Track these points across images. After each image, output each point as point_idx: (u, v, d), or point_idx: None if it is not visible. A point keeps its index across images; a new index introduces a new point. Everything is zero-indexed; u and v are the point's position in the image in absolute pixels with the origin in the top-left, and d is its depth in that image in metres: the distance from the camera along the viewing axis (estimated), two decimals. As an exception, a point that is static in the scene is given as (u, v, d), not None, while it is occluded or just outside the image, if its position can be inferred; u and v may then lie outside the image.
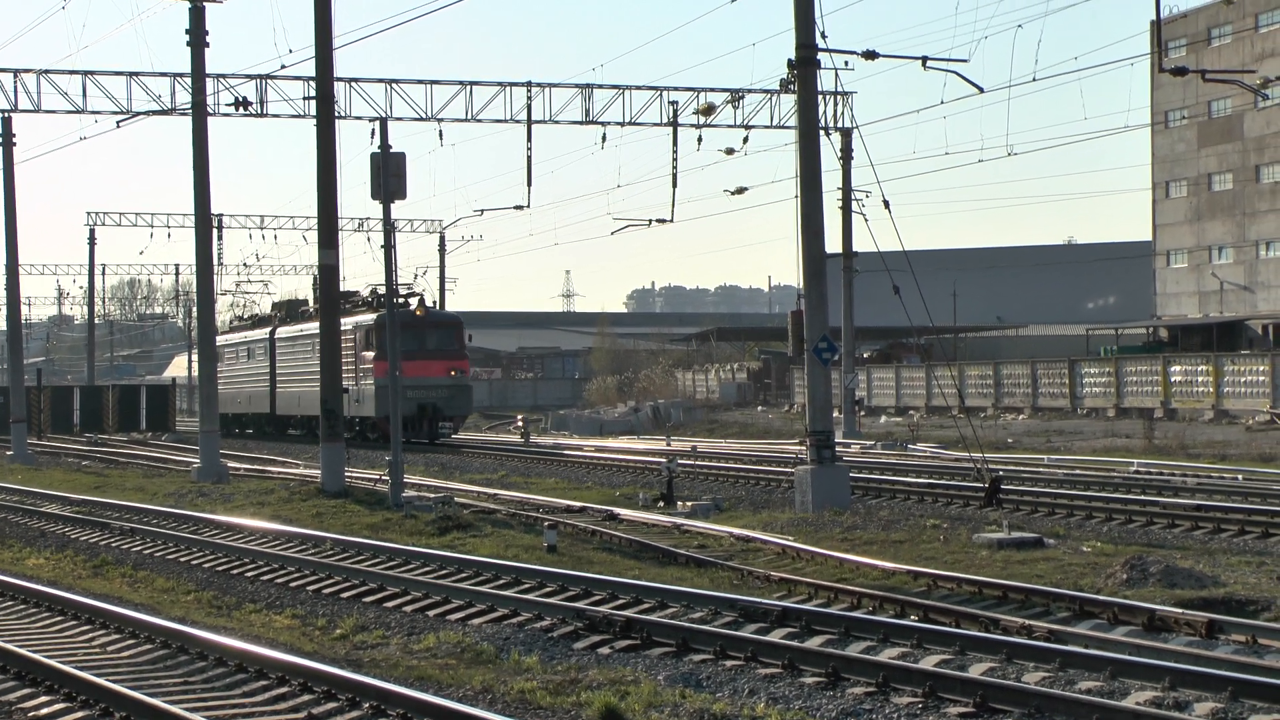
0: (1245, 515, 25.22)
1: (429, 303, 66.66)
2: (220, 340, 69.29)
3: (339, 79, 42.70)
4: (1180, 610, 15.82)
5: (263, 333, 69.42)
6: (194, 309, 64.16)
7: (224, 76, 49.11)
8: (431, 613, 17.85)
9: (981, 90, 34.15)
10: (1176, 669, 12.82)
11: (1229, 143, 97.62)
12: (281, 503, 32.00)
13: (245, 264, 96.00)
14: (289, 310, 69.19)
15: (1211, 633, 15.13)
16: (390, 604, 18.55)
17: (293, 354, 64.34)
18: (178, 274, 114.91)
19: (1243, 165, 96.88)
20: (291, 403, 64.52)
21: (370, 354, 55.71)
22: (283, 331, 66.72)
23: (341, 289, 57.29)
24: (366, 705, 12.59)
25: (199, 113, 40.72)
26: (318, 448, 36.98)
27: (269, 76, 48.93)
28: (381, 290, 50.01)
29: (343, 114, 47.72)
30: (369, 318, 56.46)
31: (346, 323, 50.98)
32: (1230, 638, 15.00)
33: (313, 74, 35.64)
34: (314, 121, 34.91)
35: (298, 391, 62.91)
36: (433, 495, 31.61)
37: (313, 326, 56.10)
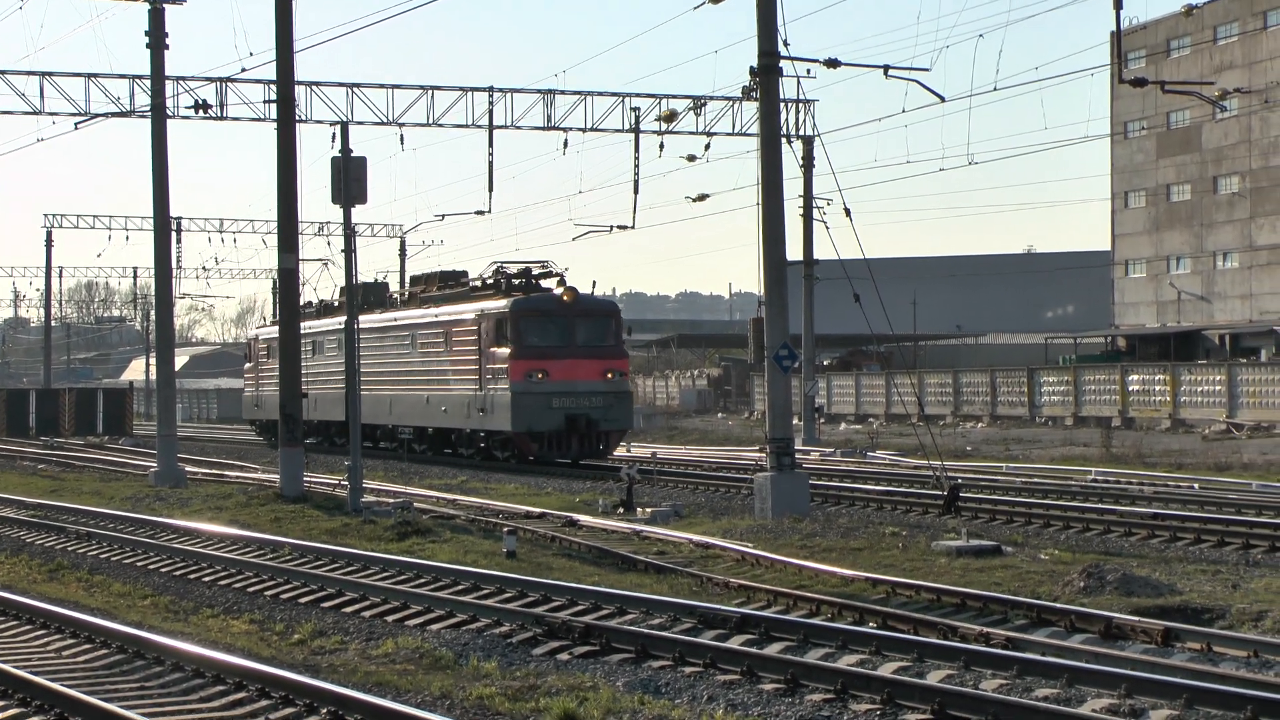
0: (1201, 524, 25.37)
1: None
2: (263, 334, 63.31)
3: (300, 82, 42.54)
4: (1137, 618, 15.91)
5: (333, 322, 57.07)
6: (152, 312, 63.55)
7: (184, 79, 48.96)
8: (390, 618, 17.80)
9: (943, 99, 34.29)
10: (1133, 676, 12.88)
11: (1187, 154, 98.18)
12: (239, 507, 31.88)
13: (204, 267, 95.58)
14: (366, 296, 56.70)
15: (1167, 640, 15.21)
16: (348, 609, 18.49)
17: (380, 348, 53.07)
18: (136, 277, 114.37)
19: (1201, 176, 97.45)
20: (377, 409, 52.77)
21: (504, 350, 44.17)
22: (365, 321, 53.21)
23: (443, 269, 51.91)
24: (324, 711, 12.55)
25: (158, 115, 40.56)
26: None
27: (229, 79, 48.78)
28: (510, 268, 46.13)
29: (303, 118, 47.63)
30: (499, 304, 44.99)
31: (466, 310, 46.15)
32: (1186, 645, 15.08)
33: (273, 77, 35.54)
34: (274, 125, 34.80)
35: (387, 395, 52.08)
36: (392, 500, 31.53)
37: (410, 315, 50.72)
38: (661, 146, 52.24)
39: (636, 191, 51.22)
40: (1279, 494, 31.76)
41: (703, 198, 52.24)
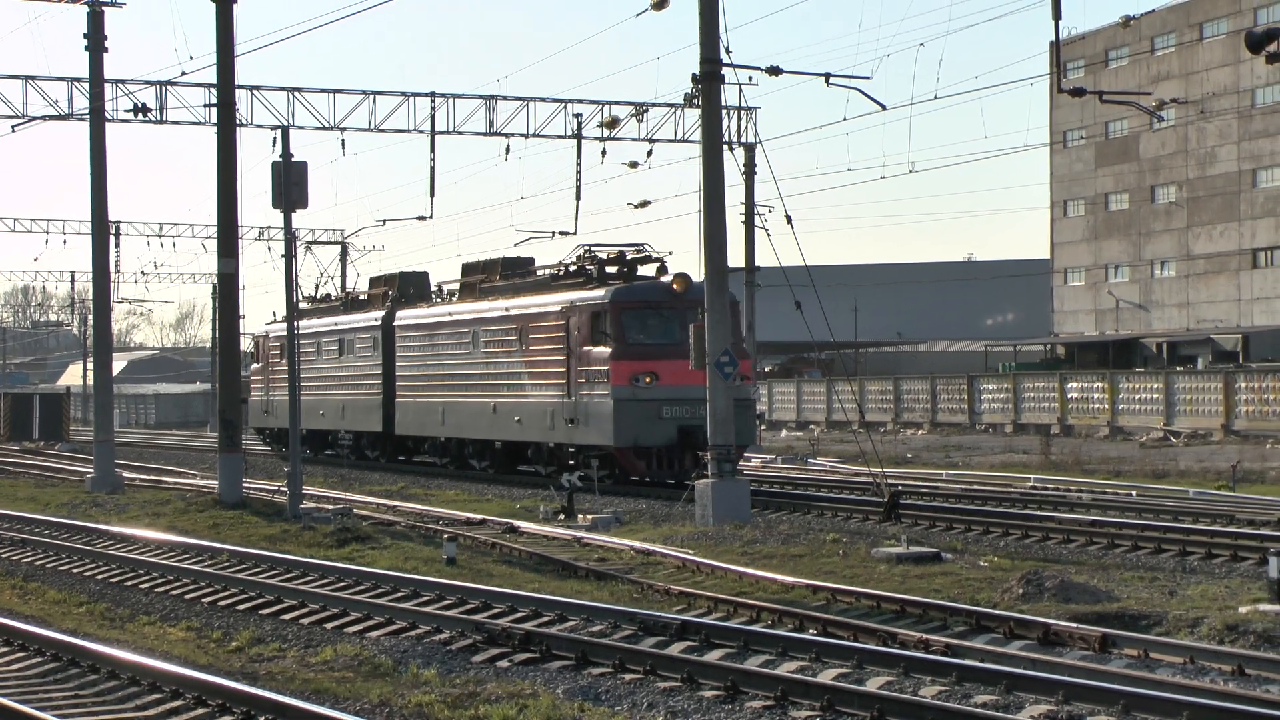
0: (1139, 531, 25.54)
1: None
2: (275, 330, 55.36)
3: (240, 86, 42.36)
4: (1075, 624, 15.99)
5: (367, 318, 49.48)
6: (90, 316, 62.65)
7: (123, 82, 48.56)
8: (329, 625, 17.72)
9: (884, 107, 34.38)
10: (1071, 683, 12.94)
11: (1125, 163, 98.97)
12: (178, 514, 31.66)
13: (143, 272, 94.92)
14: (403, 288, 49.58)
15: (1105, 647, 15.30)
16: (287, 616, 18.39)
17: (428, 348, 45.26)
18: (74, 281, 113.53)
19: (1139, 185, 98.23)
20: (424, 419, 45.34)
21: (602, 349, 36.62)
22: (407, 316, 47.07)
23: (505, 255, 43.68)
24: (262, 718, 12.48)
25: (97, 118, 40.28)
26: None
27: (169, 83, 48.46)
28: (604, 252, 39.16)
29: (244, 122, 47.31)
30: (595, 294, 37.35)
31: (547, 302, 38.95)
32: (1123, 652, 15.17)
33: (214, 81, 35.33)
34: (215, 129, 34.62)
35: (438, 403, 44.22)
36: (331, 507, 31.41)
37: (467, 309, 43.08)
38: (604, 153, 52.20)
39: (579, 197, 51.08)
40: (1215, 501, 32.01)
41: (645, 204, 52.21)
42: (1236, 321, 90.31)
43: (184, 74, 43.18)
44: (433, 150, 52.08)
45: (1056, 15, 29.88)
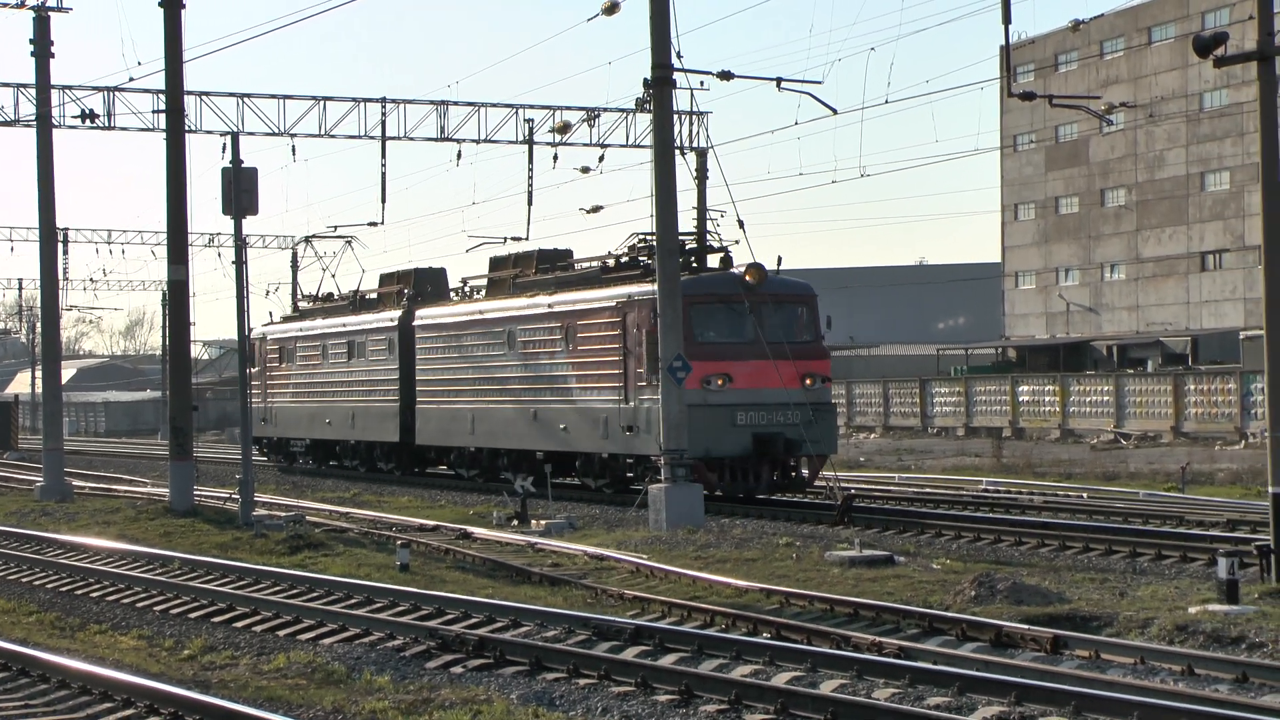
0: (1089, 533, 25.70)
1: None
2: (274, 332, 52.00)
3: (189, 92, 42.13)
4: (1026, 626, 16.08)
5: (381, 318, 45.53)
6: (38, 324, 62.07)
7: (70, 88, 48.27)
8: (282, 632, 17.67)
9: (835, 112, 34.51)
10: (1022, 684, 13.02)
11: (1075, 167, 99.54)
12: (128, 522, 31.50)
13: (92, 279, 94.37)
14: (419, 285, 45.52)
15: (1056, 648, 15.39)
16: (240, 624, 18.34)
17: (455, 349, 41.34)
18: (21, 288, 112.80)
19: (1088, 189, 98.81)
20: (452, 427, 41.24)
21: None
22: (428, 315, 43.06)
23: (541, 248, 40.45)
24: (215, 727, 12.44)
25: (44, 125, 40.06)
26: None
27: (117, 89, 48.21)
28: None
29: (193, 128, 47.06)
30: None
31: (598, 297, 35.00)
32: (1075, 653, 15.27)
33: (162, 87, 35.20)
34: (164, 135, 34.48)
35: (467, 409, 40.32)
36: (284, 514, 31.30)
37: (499, 307, 39.27)
38: (555, 158, 52.18)
39: (530, 203, 51.02)
40: (1165, 503, 32.23)
41: (597, 209, 52.12)
42: (1185, 324, 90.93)
43: (132, 80, 43.02)
44: (384, 156, 51.99)
45: (1006, 20, 30.03)
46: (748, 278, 32.97)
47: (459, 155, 52.41)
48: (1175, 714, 11.80)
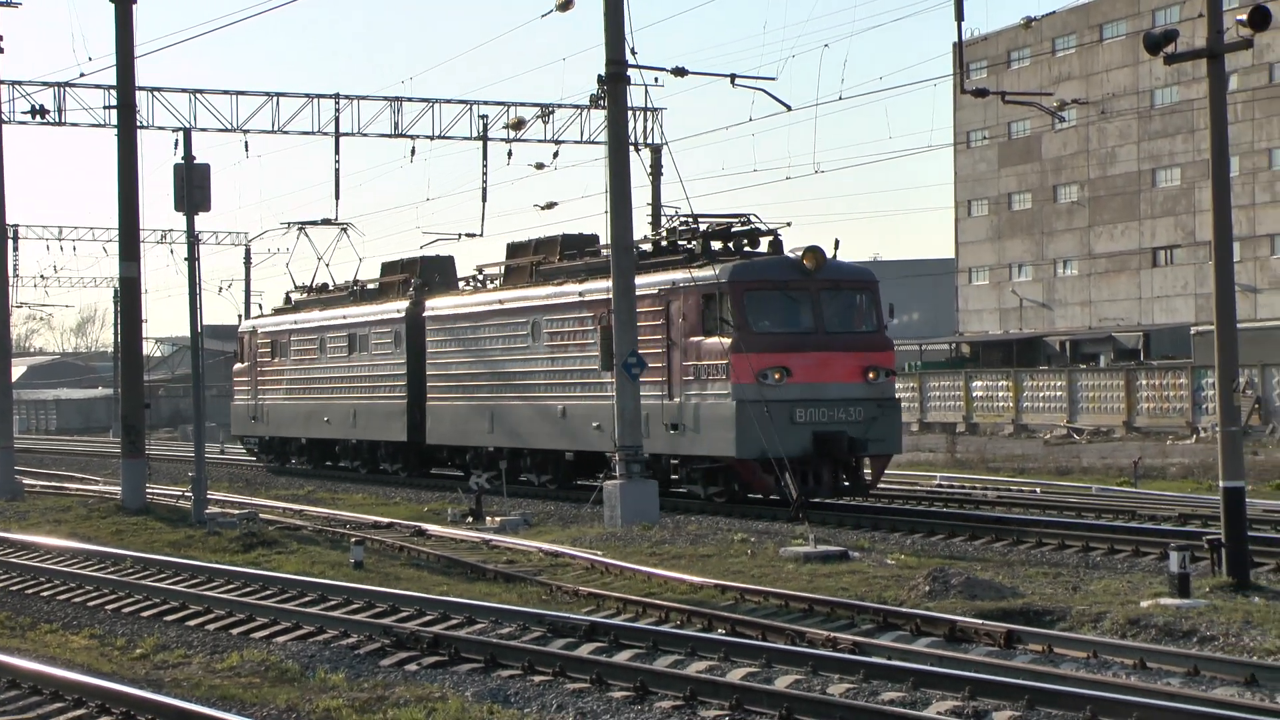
0: (1043, 527, 25.80)
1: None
2: (265, 325, 49.57)
3: (141, 88, 41.91)
4: (980, 621, 16.14)
5: (386, 309, 42.71)
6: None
7: (20, 83, 48.02)
8: (235, 631, 17.59)
9: (789, 108, 34.60)
10: (976, 679, 13.07)
11: (1028, 163, 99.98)
12: (80, 520, 31.31)
13: (42, 276, 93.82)
14: (426, 274, 42.87)
15: (1010, 643, 15.45)
16: (193, 622, 18.25)
17: (470, 341, 38.61)
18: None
19: (1041, 185, 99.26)
20: (469, 425, 38.43)
21: (718, 340, 30.51)
22: (440, 305, 40.33)
23: (565, 233, 37.98)
24: (167, 726, 12.38)
25: (-6, 120, 39.75)
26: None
27: (68, 84, 47.96)
28: (719, 222, 33.06)
29: (145, 124, 46.88)
30: (706, 273, 31.09)
31: (641, 284, 31.02)
32: (1028, 647, 15.33)
33: (114, 82, 35.00)
34: (115, 131, 34.29)
35: (486, 405, 37.57)
36: (237, 512, 31.17)
37: (520, 296, 36.77)
38: (510, 154, 52.18)
39: (485, 199, 51.10)
40: (1118, 497, 32.40)
41: (551, 205, 52.18)
42: (1137, 319, 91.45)
43: (83, 75, 42.89)
44: (337, 152, 51.90)
45: (959, 17, 30.18)
46: (805, 262, 30.71)
47: (413, 151, 52.40)
48: (1128, 707, 11.86)
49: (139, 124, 35.59)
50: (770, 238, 32.65)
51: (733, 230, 32.72)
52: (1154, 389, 56.92)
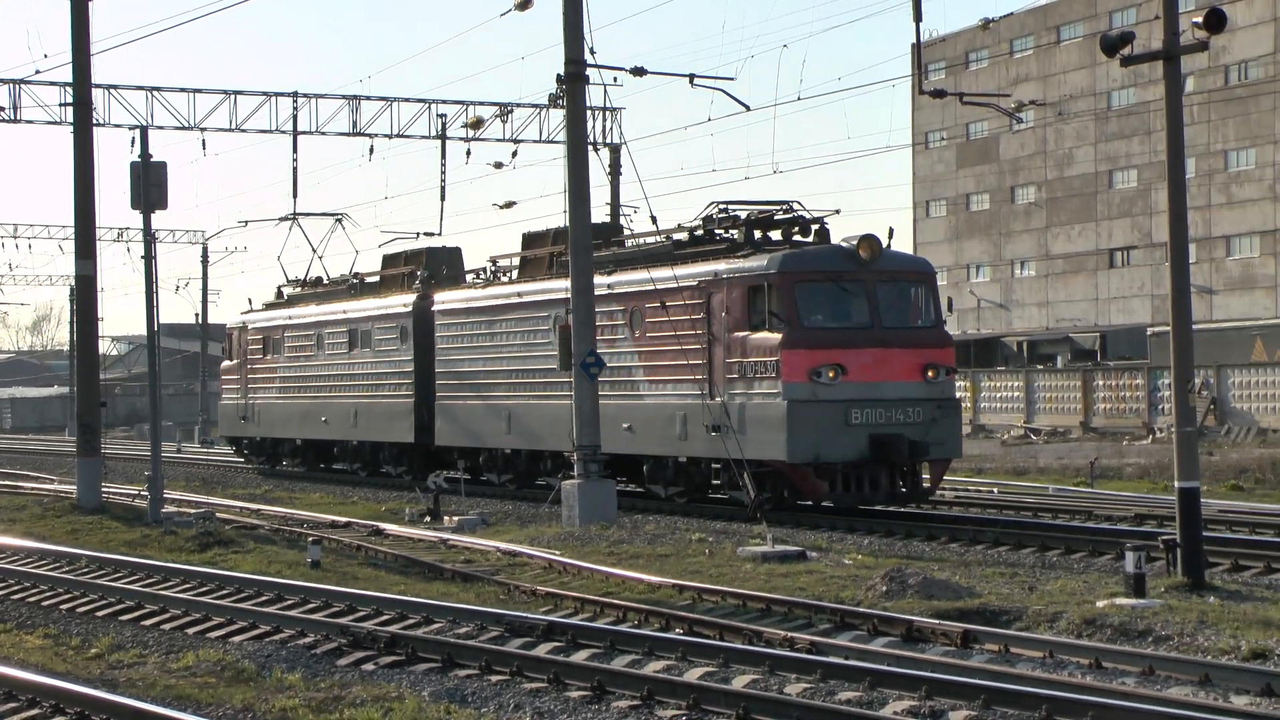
0: (999, 528, 25.90)
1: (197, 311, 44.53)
2: (255, 320, 47.58)
3: (97, 85, 41.67)
4: (937, 621, 16.19)
5: (390, 303, 40.74)
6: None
7: (-25, 80, 47.69)
8: (191, 630, 17.52)
9: (748, 108, 34.67)
10: (933, 679, 13.10)
11: (986, 164, 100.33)
12: (34, 519, 31.14)
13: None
14: (432, 266, 40.91)
15: (966, 643, 15.50)
16: (148, 622, 18.16)
17: (485, 337, 36.50)
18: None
19: (999, 186, 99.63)
20: (484, 426, 36.42)
21: (766, 335, 28.66)
22: (450, 299, 38.48)
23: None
24: (122, 726, 12.32)
25: (-50, 117, 39.50)
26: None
27: (23, 81, 47.64)
28: (761, 210, 31.24)
29: (101, 121, 46.61)
30: (752, 264, 29.36)
31: (678, 276, 30.44)
32: (984, 647, 15.37)
33: (70, 80, 34.82)
34: (71, 129, 34.12)
35: (503, 406, 35.51)
36: (193, 511, 31.06)
37: (537, 289, 34.99)
38: (468, 153, 52.17)
39: (443, 198, 50.91)
40: (1074, 497, 32.55)
41: (510, 204, 52.15)
42: (1094, 320, 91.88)
43: (39, 72, 42.66)
44: (295, 150, 51.70)
45: (917, 18, 30.26)
46: (860, 251, 28.77)
47: (371, 150, 52.28)
48: (1083, 707, 11.90)
49: (95, 121, 35.42)
50: (814, 228, 30.87)
51: (776, 218, 30.96)
52: (1110, 390, 57.19)
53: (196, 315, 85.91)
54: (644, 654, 15.05)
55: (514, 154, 51.52)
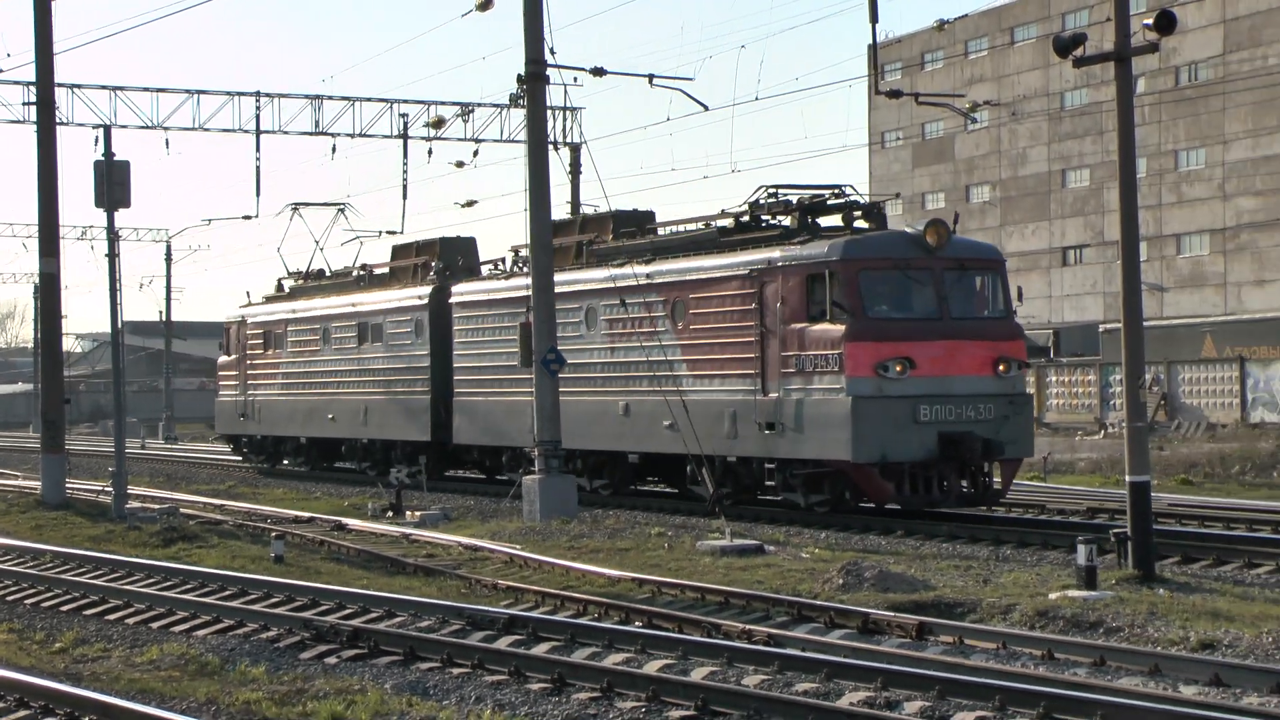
0: (954, 521, 25.95)
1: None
2: (254, 314, 45.63)
3: (61, 85, 41.46)
4: (892, 613, 16.24)
5: (404, 295, 38.79)
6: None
7: (-61, 79, 47.37)
8: (155, 625, 17.47)
9: (706, 108, 34.70)
10: (888, 670, 13.16)
11: (941, 163, 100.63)
12: (-1, 515, 30.98)
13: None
14: (447, 257, 38.92)
15: (921, 634, 15.56)
16: (112, 616, 18.09)
17: (514, 330, 32.80)
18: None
19: (954, 185, 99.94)
20: (504, 423, 34.29)
21: (827, 327, 26.54)
22: (469, 291, 36.40)
23: (617, 210, 34.00)
24: (86, 719, 12.27)
25: (-87, 115, 39.25)
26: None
27: (-13, 80, 47.36)
28: (815, 194, 29.41)
29: (65, 120, 46.40)
30: (810, 250, 27.42)
31: (726, 264, 28.87)
32: (939, 639, 15.44)
33: (33, 79, 34.64)
34: (35, 128, 33.94)
35: (529, 403, 30.49)
36: (158, 507, 30.94)
37: (572, 279, 32.15)
38: (430, 152, 52.08)
39: (405, 197, 51.02)
40: (1027, 491, 32.65)
41: (471, 203, 52.07)
42: (1048, 317, 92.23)
43: (1, 72, 42.31)
44: (258, 149, 51.58)
45: (874, 19, 30.29)
46: (928, 238, 26.86)
47: (334, 149, 52.15)
48: (1036, 697, 11.97)
49: (59, 121, 35.31)
50: (869, 209, 29.07)
51: (829, 203, 29.06)
52: (1064, 385, 57.43)
53: (160, 312, 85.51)
54: (604, 647, 15.07)
55: (475, 153, 51.46)
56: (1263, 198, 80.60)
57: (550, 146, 29.82)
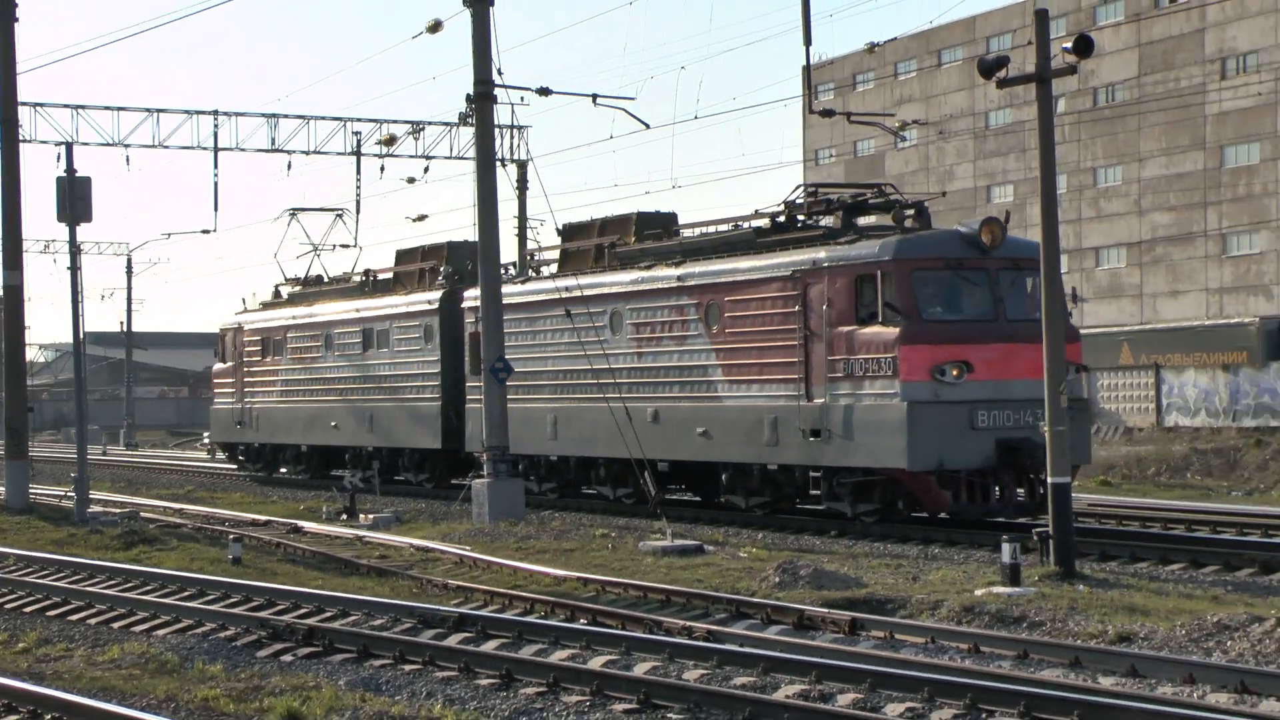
0: (886, 523, 26.01)
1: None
2: (252, 321, 43.48)
3: (24, 104, 41.01)
4: (827, 610, 16.30)
5: (413, 301, 36.80)
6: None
7: (-94, 97, 46.88)
8: (116, 625, 17.35)
9: (648, 126, 34.76)
10: (823, 664, 13.20)
11: (872, 179, 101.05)
12: (-36, 520, 30.67)
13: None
14: (455, 261, 36.88)
15: (854, 630, 15.62)
16: (74, 617, 17.96)
17: (532, 334, 32.02)
18: None
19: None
20: (521, 430, 31.24)
21: (879, 330, 24.64)
22: (474, 298, 32.18)
23: (641, 210, 32.03)
24: (49, 717, 12.19)
25: (-120, 133, 38.81)
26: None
27: (-48, 98, 46.89)
28: (858, 194, 28.14)
29: (28, 138, 45.91)
30: (861, 250, 25.44)
31: (766, 265, 26.85)
32: (871, 634, 15.51)
33: (-3, 97, 34.31)
34: (-1, 144, 33.63)
35: (548, 409, 31.36)
36: (119, 511, 30.73)
37: (596, 282, 30.33)
38: (382, 169, 51.78)
39: (358, 211, 50.62)
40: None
41: (422, 218, 51.94)
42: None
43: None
44: (215, 166, 51.17)
45: (807, 41, 30.43)
46: (983, 237, 24.83)
47: (289, 166, 51.80)
48: (962, 689, 12.04)
49: (22, 138, 34.98)
50: (911, 211, 26.76)
51: (871, 201, 27.41)
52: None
53: (121, 323, 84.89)
54: (550, 643, 15.06)
55: (426, 170, 51.24)
56: (1176, 213, 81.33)
57: (498, 163, 29.74)
